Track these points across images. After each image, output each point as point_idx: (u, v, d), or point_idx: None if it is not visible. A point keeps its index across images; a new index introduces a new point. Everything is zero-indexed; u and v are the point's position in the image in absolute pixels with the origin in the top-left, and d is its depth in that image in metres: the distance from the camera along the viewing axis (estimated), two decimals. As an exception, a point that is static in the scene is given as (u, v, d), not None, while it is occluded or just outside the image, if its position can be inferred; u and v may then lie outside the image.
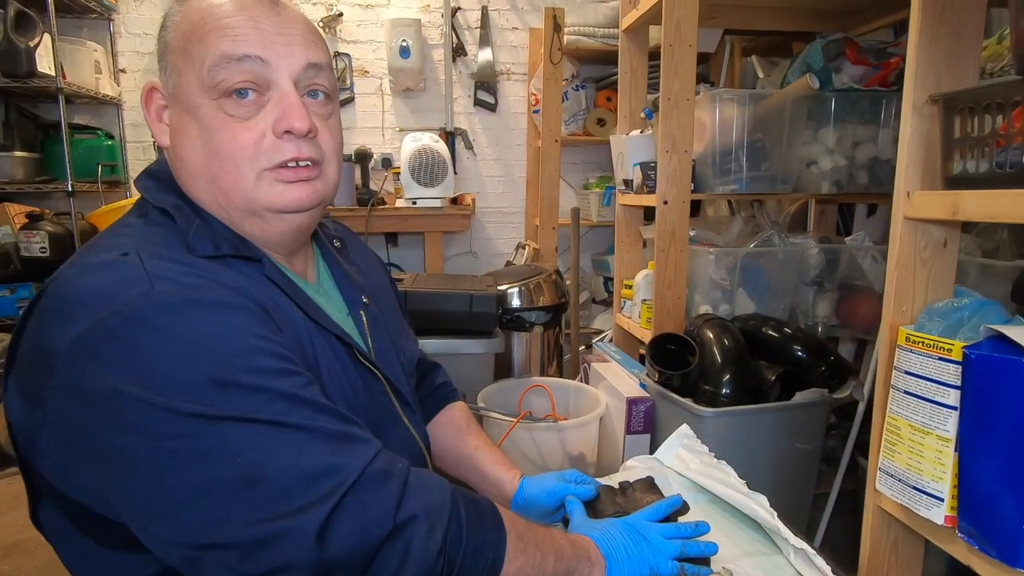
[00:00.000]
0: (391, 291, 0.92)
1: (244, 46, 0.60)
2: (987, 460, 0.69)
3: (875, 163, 1.68)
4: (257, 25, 0.61)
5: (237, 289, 0.57)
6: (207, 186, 0.63)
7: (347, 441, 0.54)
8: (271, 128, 0.61)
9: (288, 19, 0.63)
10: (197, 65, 0.60)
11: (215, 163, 0.61)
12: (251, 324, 0.55)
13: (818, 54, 1.58)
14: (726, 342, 1.38)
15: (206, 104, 0.60)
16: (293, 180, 0.63)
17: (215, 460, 0.49)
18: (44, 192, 2.43)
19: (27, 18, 2.12)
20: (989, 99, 0.74)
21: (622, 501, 0.78)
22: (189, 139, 0.62)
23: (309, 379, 0.56)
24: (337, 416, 0.56)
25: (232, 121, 0.60)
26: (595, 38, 2.64)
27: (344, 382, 0.67)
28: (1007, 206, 0.69)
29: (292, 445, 0.51)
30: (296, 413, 0.52)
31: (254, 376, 0.51)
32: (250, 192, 0.62)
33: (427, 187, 2.46)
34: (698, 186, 1.63)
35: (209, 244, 0.61)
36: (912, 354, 0.81)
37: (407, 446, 0.74)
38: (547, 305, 2.01)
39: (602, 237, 3.05)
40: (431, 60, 2.90)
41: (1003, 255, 1.27)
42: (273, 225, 0.65)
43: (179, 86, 0.62)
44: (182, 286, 0.53)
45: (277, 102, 0.62)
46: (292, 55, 0.62)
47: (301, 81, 0.63)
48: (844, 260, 1.71)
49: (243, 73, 0.60)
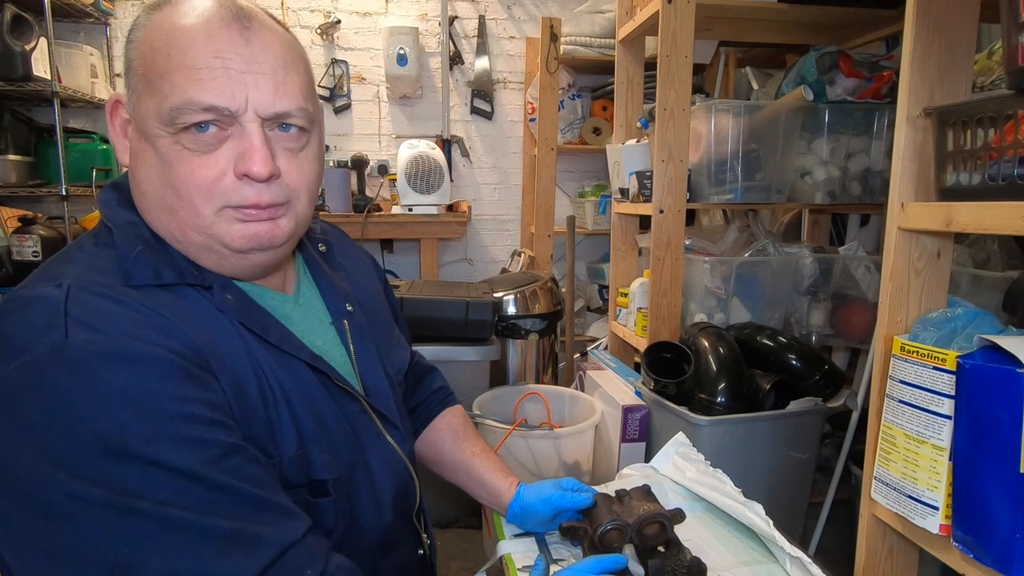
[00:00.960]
0: (382, 295, 0.88)
1: (211, 95, 0.54)
2: (981, 469, 0.70)
3: (868, 174, 1.70)
4: (224, 64, 0.55)
5: (168, 332, 0.53)
6: (162, 215, 0.59)
7: (239, 543, 0.48)
8: (232, 167, 0.57)
9: (260, 48, 0.57)
10: (156, 97, 0.55)
11: (171, 196, 0.57)
12: (168, 383, 0.50)
13: (812, 66, 1.60)
14: (721, 351, 1.39)
15: (164, 136, 0.56)
16: (254, 219, 0.59)
17: (87, 553, 0.46)
18: (37, 196, 2.41)
19: (23, 22, 2.12)
20: (982, 113, 0.75)
21: (619, 509, 0.78)
22: (146, 167, 0.58)
23: (227, 448, 0.51)
24: (245, 504, 0.50)
25: (190, 155, 0.56)
26: (591, 48, 2.66)
27: (310, 410, 0.62)
28: (1000, 218, 0.70)
29: (173, 545, 0.46)
30: (190, 499, 0.48)
31: (154, 448, 0.47)
32: (208, 228, 0.58)
33: (423, 194, 2.47)
34: (693, 195, 1.64)
35: (150, 272, 0.56)
36: (907, 363, 0.82)
37: (391, 464, 0.71)
38: (543, 313, 2.02)
39: (597, 245, 3.06)
40: (428, 68, 2.91)
41: (994, 266, 1.29)
42: (232, 263, 0.61)
43: (138, 111, 0.57)
44: (98, 334, 0.49)
45: (239, 139, 0.57)
46: (260, 99, 0.56)
47: (268, 120, 0.58)
48: (837, 270, 1.72)
49: (205, 115, 0.55)
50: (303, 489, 0.61)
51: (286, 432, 0.60)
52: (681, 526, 0.78)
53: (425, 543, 0.80)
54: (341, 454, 0.64)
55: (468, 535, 1.82)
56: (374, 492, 0.68)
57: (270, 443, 0.58)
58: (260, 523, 0.51)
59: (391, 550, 0.72)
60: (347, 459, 0.65)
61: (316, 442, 0.62)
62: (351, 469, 0.65)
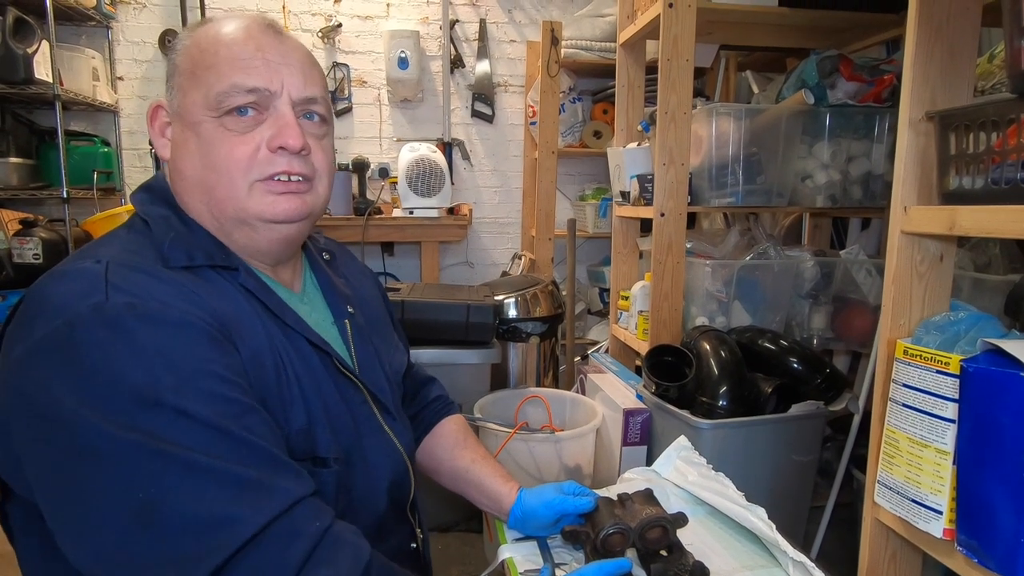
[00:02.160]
0: (381, 303, 0.93)
1: (253, 79, 0.64)
2: (985, 473, 0.69)
3: (869, 178, 1.70)
4: (264, 55, 0.65)
5: (197, 304, 0.58)
6: (202, 197, 0.66)
7: (255, 490, 0.52)
8: (266, 143, 0.65)
9: (290, 48, 0.68)
10: (204, 87, 0.64)
11: (211, 175, 0.65)
12: (197, 345, 0.55)
13: (813, 70, 1.60)
14: (723, 354, 1.39)
15: (207, 120, 0.64)
16: (283, 192, 0.66)
17: (117, 491, 0.49)
18: (39, 198, 2.41)
19: (26, 25, 2.12)
20: (984, 117, 0.75)
21: (621, 513, 0.78)
22: (188, 153, 0.66)
23: (246, 407, 0.56)
24: (261, 457, 0.54)
25: (230, 135, 0.64)
26: (592, 51, 2.67)
27: (317, 391, 0.67)
28: (1003, 222, 0.70)
29: (195, 487, 0.50)
30: (213, 447, 0.51)
31: (182, 399, 0.52)
32: (242, 202, 0.65)
33: (424, 197, 2.47)
34: (694, 199, 1.64)
35: (183, 255, 0.63)
36: (910, 367, 0.82)
37: (388, 454, 0.74)
38: (543, 316, 2.02)
39: (598, 248, 3.06)
40: (429, 71, 2.91)
41: (995, 269, 1.29)
42: (262, 234, 0.67)
43: (183, 105, 0.66)
44: (136, 299, 0.55)
45: (274, 121, 0.65)
46: (293, 84, 0.66)
47: (298, 105, 0.67)
48: (839, 273, 1.72)
49: (248, 96, 0.64)
50: (307, 462, 0.64)
51: (296, 406, 0.64)
52: (683, 530, 0.78)
53: (418, 537, 0.81)
54: (340, 437, 0.68)
55: (469, 539, 1.81)
56: (369, 478, 0.71)
57: (280, 414, 0.62)
58: (275, 475, 0.54)
59: (383, 539, 0.73)
60: (345, 443, 0.68)
61: (320, 422, 0.66)
62: (348, 453, 0.68)
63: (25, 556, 0.62)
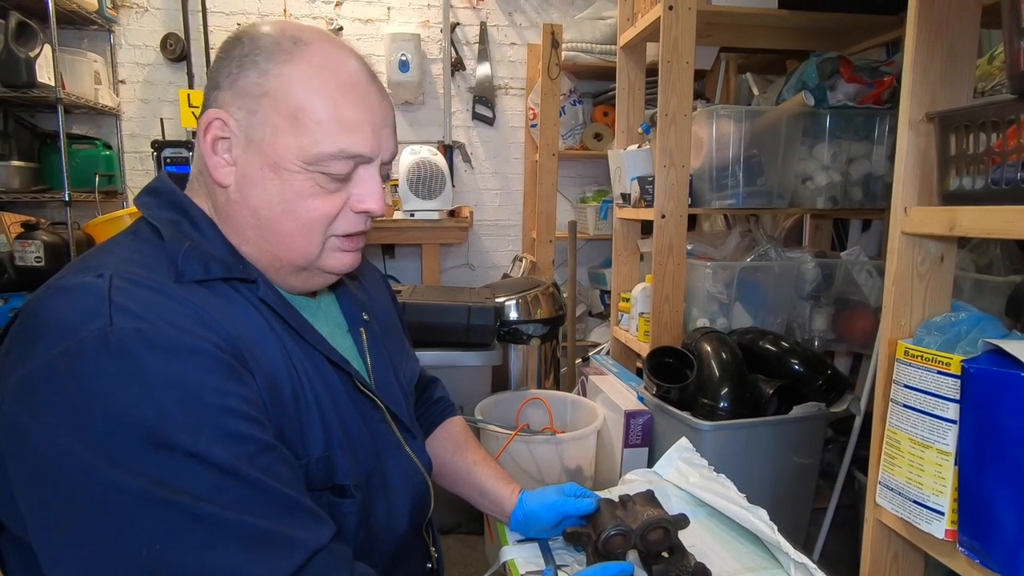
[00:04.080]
0: (392, 308, 0.90)
1: (359, 145, 0.62)
2: (987, 473, 0.69)
3: (869, 179, 1.70)
4: (372, 119, 0.63)
5: (211, 326, 0.54)
6: (268, 237, 0.62)
7: (269, 544, 0.49)
8: (350, 202, 0.64)
9: (389, 106, 0.66)
10: (306, 140, 0.59)
11: (290, 224, 0.62)
12: (211, 376, 0.51)
13: (813, 72, 1.60)
14: (724, 355, 1.39)
15: (299, 172, 0.60)
16: (352, 249, 0.67)
17: (121, 545, 0.46)
18: (41, 201, 2.42)
19: (28, 29, 2.13)
20: (984, 117, 0.75)
21: (623, 515, 0.78)
22: (266, 193, 0.61)
23: (263, 445, 0.52)
24: (277, 503, 0.51)
25: (321, 191, 0.62)
26: (592, 54, 2.67)
27: (336, 413, 0.63)
28: (1003, 222, 0.70)
29: (206, 542, 0.47)
30: (226, 495, 0.48)
31: (195, 440, 0.48)
32: (314, 254, 0.64)
33: (425, 199, 2.47)
34: (695, 200, 1.65)
35: (200, 267, 0.58)
36: (911, 368, 0.81)
37: (409, 474, 0.72)
38: (544, 318, 2.02)
39: (599, 250, 3.06)
40: (430, 74, 2.92)
41: (996, 270, 1.29)
42: (319, 280, 0.68)
43: (271, 143, 0.60)
44: (143, 323, 0.50)
45: (363, 183, 0.64)
46: (387, 148, 0.66)
47: (384, 166, 0.67)
48: (840, 274, 1.72)
49: (349, 164, 0.62)
50: (326, 492, 0.61)
51: (315, 432, 0.61)
52: (685, 532, 0.78)
53: (433, 556, 0.80)
54: (360, 460, 0.65)
55: (470, 541, 1.81)
56: (389, 502, 0.68)
57: (299, 443, 0.59)
58: (291, 525, 0.51)
59: (402, 562, 0.72)
60: (366, 467, 0.65)
61: (340, 446, 0.63)
62: (368, 477, 0.65)
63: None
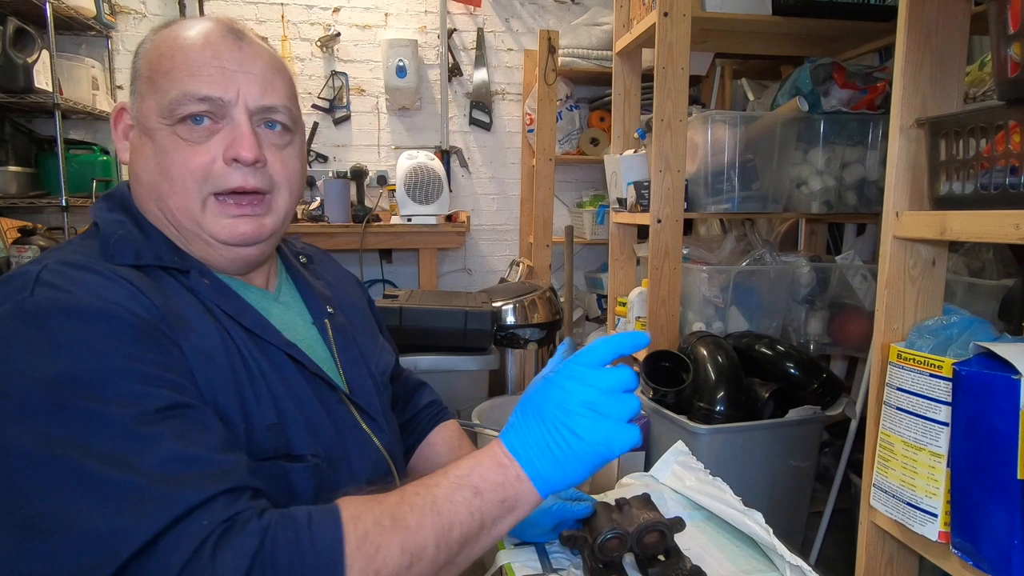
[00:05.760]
0: (366, 307, 0.92)
1: (206, 87, 0.62)
2: (979, 475, 0.70)
3: (863, 184, 1.71)
4: (220, 63, 0.63)
5: (134, 297, 0.56)
6: (157, 203, 0.65)
7: (147, 501, 0.48)
8: (221, 154, 0.64)
9: (251, 55, 0.66)
10: (159, 94, 0.63)
11: (165, 183, 0.64)
12: (120, 340, 0.52)
13: (807, 78, 1.62)
14: (720, 359, 1.39)
15: (162, 128, 0.63)
16: (238, 215, 0.65)
17: (8, 502, 0.47)
18: (38, 207, 2.41)
19: (26, 34, 2.13)
20: (973, 123, 0.76)
21: (619, 518, 0.78)
22: (144, 159, 0.65)
23: (171, 405, 0.52)
24: (172, 461, 0.50)
25: (184, 144, 0.63)
26: (589, 60, 2.69)
27: (288, 390, 0.65)
28: (992, 226, 0.71)
29: (87, 498, 0.47)
30: (114, 452, 0.48)
31: (93, 399, 0.49)
32: (196, 216, 0.64)
33: (422, 204, 2.48)
34: (691, 205, 1.65)
35: (130, 253, 0.61)
36: (903, 371, 0.82)
37: (368, 454, 0.73)
38: (541, 322, 2.02)
39: (595, 255, 3.07)
40: (427, 80, 2.93)
41: (989, 274, 1.30)
42: (219, 253, 0.67)
43: (141, 110, 0.65)
44: (62, 292, 0.53)
45: (230, 131, 0.64)
46: (250, 93, 0.64)
47: (256, 115, 0.65)
48: (834, 278, 1.73)
49: (201, 105, 0.63)
50: (280, 459, 0.62)
51: (263, 402, 0.62)
52: (681, 535, 0.78)
53: None
54: (320, 437, 0.66)
55: (467, 546, 1.81)
56: (353, 478, 0.69)
57: (238, 411, 0.60)
58: (179, 482, 0.50)
59: None
60: (326, 442, 0.67)
61: (294, 420, 0.64)
62: (329, 451, 0.67)
63: None
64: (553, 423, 0.53)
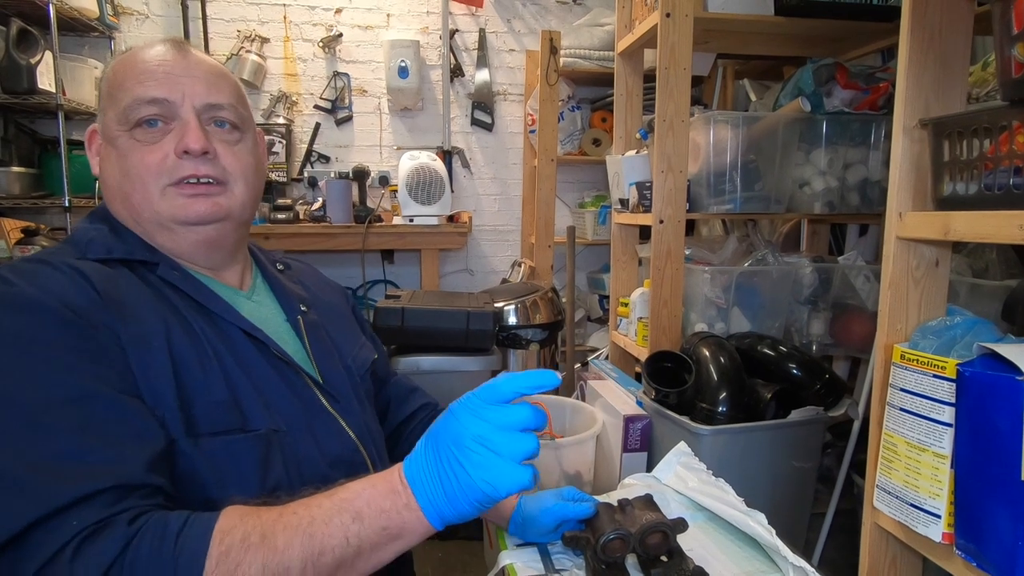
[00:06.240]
0: (347, 311, 0.95)
1: (153, 89, 0.69)
2: (983, 476, 0.70)
3: (866, 184, 1.71)
4: (166, 69, 0.70)
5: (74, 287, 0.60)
6: (123, 203, 0.72)
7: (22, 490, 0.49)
8: (173, 150, 0.70)
9: (194, 61, 0.73)
10: (116, 105, 0.70)
11: (127, 183, 0.70)
12: (43, 327, 0.57)
13: (809, 78, 1.62)
14: (722, 360, 1.39)
15: (122, 135, 0.70)
16: (193, 194, 0.71)
17: None
18: (41, 207, 2.42)
19: (29, 35, 2.14)
20: (976, 124, 0.76)
21: (621, 519, 0.78)
22: (110, 165, 0.72)
23: (81, 394, 0.54)
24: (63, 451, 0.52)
25: (140, 145, 0.69)
26: (591, 60, 2.69)
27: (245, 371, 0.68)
28: (996, 227, 0.71)
29: None
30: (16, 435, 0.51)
31: (5, 383, 0.53)
32: (155, 205, 0.70)
33: (424, 205, 2.48)
34: (693, 206, 1.65)
35: (102, 248, 0.68)
36: (907, 371, 0.82)
37: (335, 433, 0.75)
38: (543, 323, 2.02)
39: (597, 255, 3.07)
40: (429, 80, 2.94)
41: (993, 275, 1.29)
42: (182, 236, 0.72)
43: (104, 123, 0.72)
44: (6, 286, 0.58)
45: (180, 128, 0.70)
46: (195, 93, 0.71)
47: (204, 113, 0.72)
48: (837, 279, 1.73)
49: (151, 107, 0.69)
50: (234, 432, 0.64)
51: (213, 381, 0.65)
52: (684, 536, 0.78)
53: None
54: (282, 412, 0.69)
55: (469, 546, 1.81)
56: (317, 446, 0.71)
57: (173, 394, 0.61)
58: (67, 474, 0.51)
59: None
60: (290, 417, 0.70)
61: (248, 397, 0.67)
62: (292, 425, 0.70)
63: None
64: (446, 454, 0.53)
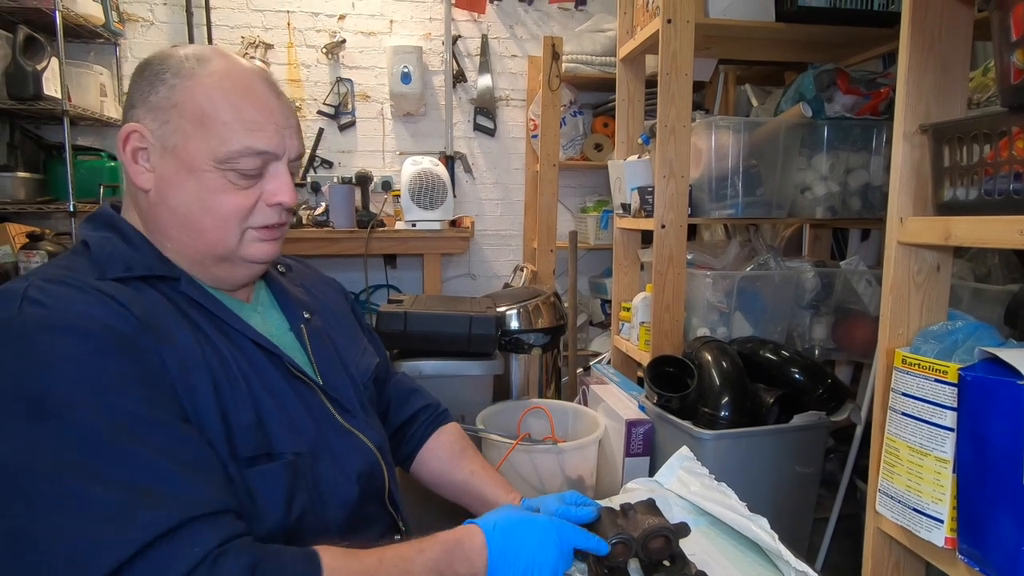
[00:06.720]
0: (347, 310, 0.95)
1: (264, 143, 0.68)
2: (985, 481, 0.70)
3: (867, 189, 1.71)
4: (274, 120, 0.70)
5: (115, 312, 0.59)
6: (189, 233, 0.69)
7: (126, 518, 0.50)
8: (264, 197, 0.71)
9: (289, 109, 0.73)
10: (213, 141, 0.66)
11: (207, 219, 0.68)
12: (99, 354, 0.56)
13: (810, 84, 1.62)
14: (724, 364, 1.39)
15: (212, 171, 0.67)
16: (270, 239, 0.73)
17: None
18: (46, 212, 2.44)
19: (35, 42, 2.16)
20: (976, 129, 0.76)
21: (624, 523, 0.78)
22: (184, 193, 0.68)
23: (148, 420, 0.55)
24: (150, 474, 0.52)
25: (234, 188, 0.69)
26: (592, 66, 2.70)
27: (269, 391, 0.69)
28: (996, 232, 0.71)
29: (65, 514, 0.49)
30: (93, 466, 0.51)
31: (69, 411, 0.52)
32: (233, 245, 0.70)
33: (427, 210, 2.49)
34: (695, 210, 1.66)
35: (121, 265, 0.65)
36: (909, 376, 0.82)
37: (355, 448, 0.76)
38: (545, 327, 2.02)
39: (599, 260, 3.07)
40: (431, 86, 2.95)
41: (995, 280, 1.30)
42: (241, 271, 0.74)
43: (182, 147, 0.67)
44: (49, 311, 0.56)
45: (274, 178, 0.71)
46: (293, 146, 0.73)
47: (292, 163, 0.74)
48: (839, 284, 1.73)
49: (258, 159, 0.69)
50: (261, 458, 0.65)
51: (242, 404, 0.65)
52: (686, 540, 0.78)
53: (401, 529, 0.82)
54: (303, 433, 0.69)
55: (471, 551, 1.80)
56: (338, 470, 0.72)
57: (217, 417, 0.62)
58: (159, 496, 0.52)
59: (359, 530, 0.74)
60: (309, 438, 0.70)
61: (274, 419, 0.67)
62: (313, 448, 0.70)
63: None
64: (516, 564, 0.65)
